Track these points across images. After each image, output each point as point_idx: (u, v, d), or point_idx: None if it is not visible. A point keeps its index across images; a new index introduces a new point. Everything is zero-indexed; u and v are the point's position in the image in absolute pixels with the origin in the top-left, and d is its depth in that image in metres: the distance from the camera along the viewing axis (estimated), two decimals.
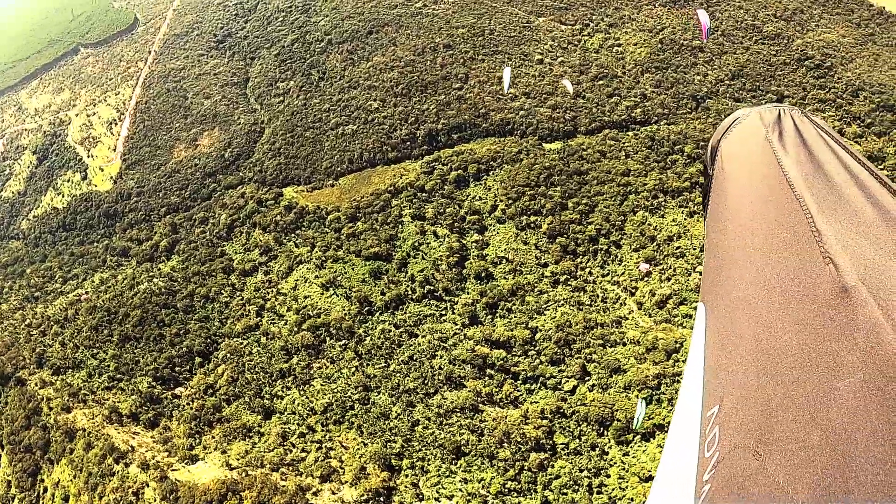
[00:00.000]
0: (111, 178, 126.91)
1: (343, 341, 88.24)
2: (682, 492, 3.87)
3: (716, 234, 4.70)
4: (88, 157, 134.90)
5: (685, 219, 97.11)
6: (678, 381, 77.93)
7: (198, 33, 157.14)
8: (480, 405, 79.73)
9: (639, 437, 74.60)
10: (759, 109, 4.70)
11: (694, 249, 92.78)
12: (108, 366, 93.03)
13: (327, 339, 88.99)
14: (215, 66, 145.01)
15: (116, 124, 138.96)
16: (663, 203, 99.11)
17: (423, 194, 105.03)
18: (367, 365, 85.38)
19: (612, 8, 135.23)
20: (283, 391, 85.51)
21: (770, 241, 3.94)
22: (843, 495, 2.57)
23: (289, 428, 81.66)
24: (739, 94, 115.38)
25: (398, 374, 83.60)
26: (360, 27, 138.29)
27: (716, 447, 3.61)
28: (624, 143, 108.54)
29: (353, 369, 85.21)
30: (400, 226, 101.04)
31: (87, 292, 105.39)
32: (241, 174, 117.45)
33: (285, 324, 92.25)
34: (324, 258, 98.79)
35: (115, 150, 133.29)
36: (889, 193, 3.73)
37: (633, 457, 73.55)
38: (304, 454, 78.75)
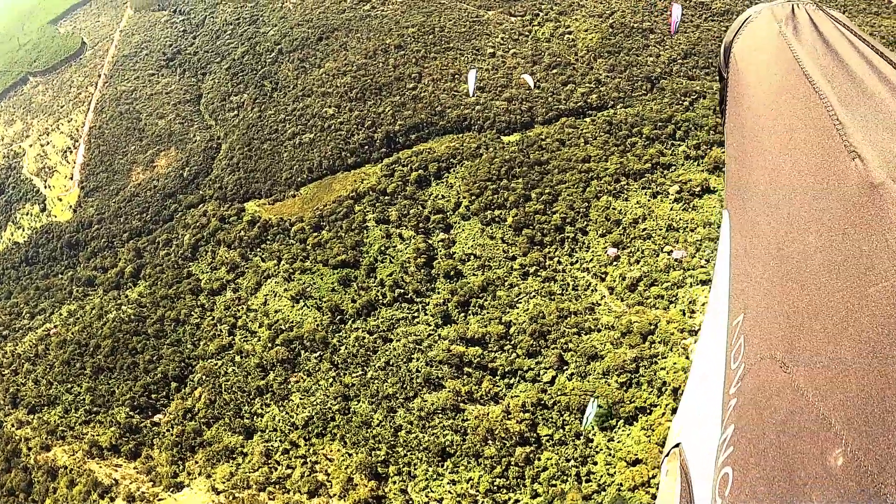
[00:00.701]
0: (70, 207, 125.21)
1: (318, 353, 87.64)
2: (710, 407, 3.73)
3: (735, 137, 4.56)
4: (46, 187, 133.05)
5: (649, 200, 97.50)
6: (656, 363, 78.48)
7: (146, 53, 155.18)
8: (461, 404, 79.52)
9: (622, 421, 74.85)
10: (771, 5, 4.54)
11: (660, 230, 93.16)
12: (84, 399, 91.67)
13: (302, 352, 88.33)
14: (167, 84, 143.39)
15: (71, 152, 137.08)
16: (626, 186, 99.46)
17: (386, 197, 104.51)
18: (344, 374, 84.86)
19: None
20: (262, 408, 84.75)
21: (791, 138, 3.77)
22: (878, 413, 2.37)
23: (272, 445, 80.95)
24: (693, 73, 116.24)
25: (376, 381, 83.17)
26: (310, 34, 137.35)
27: (741, 359, 3.44)
28: (582, 130, 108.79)
29: (331, 380, 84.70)
30: (365, 231, 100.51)
31: (55, 326, 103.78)
32: (201, 192, 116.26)
33: (258, 340, 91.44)
34: (291, 270, 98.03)
35: (72, 178, 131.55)
36: None
37: (619, 442, 73.81)
38: (289, 471, 78.10)
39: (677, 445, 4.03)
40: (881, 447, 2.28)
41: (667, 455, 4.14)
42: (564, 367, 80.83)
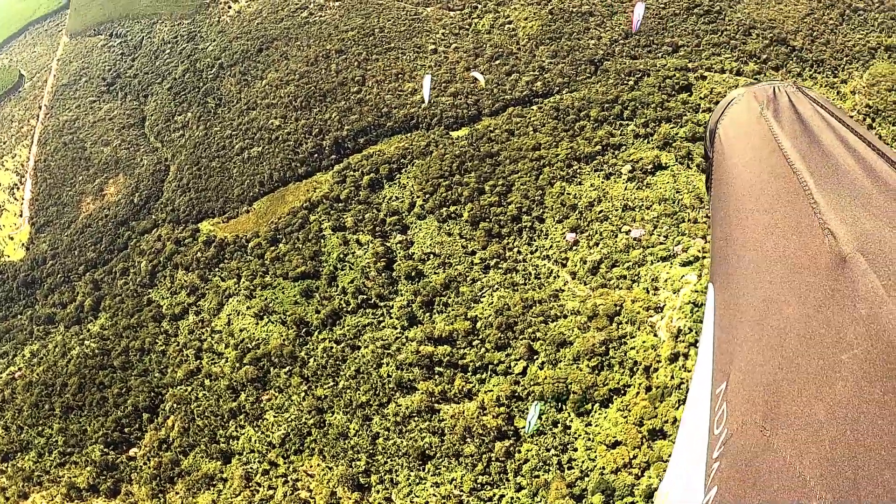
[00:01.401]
0: (23, 244, 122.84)
1: (287, 368, 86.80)
2: (695, 470, 3.89)
3: (719, 213, 4.80)
4: None
5: (602, 182, 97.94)
6: (625, 343, 78.88)
7: (86, 80, 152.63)
8: (436, 405, 79.40)
9: (598, 405, 75.16)
10: (754, 88, 4.81)
11: (616, 211, 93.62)
12: (57, 441, 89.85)
13: (271, 368, 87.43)
14: (109, 110, 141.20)
15: (18, 188, 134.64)
16: (578, 170, 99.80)
17: (340, 204, 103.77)
18: (316, 387, 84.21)
19: None
20: (237, 431, 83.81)
21: (770, 216, 3.97)
22: (851, 471, 2.54)
23: (251, 468, 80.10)
24: (635, 52, 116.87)
25: (348, 391, 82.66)
26: (250, 46, 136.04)
27: (724, 424, 3.63)
28: (530, 118, 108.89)
29: (303, 394, 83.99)
30: (322, 240, 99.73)
31: (20, 369, 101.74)
32: (153, 217, 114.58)
33: (226, 361, 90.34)
34: (252, 287, 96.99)
35: (21, 215, 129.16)
36: (886, 164, 3.75)
37: (596, 426, 74.16)
38: (271, 492, 77.35)
39: None
40: (854, 501, 2.46)
41: None
42: (535, 357, 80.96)
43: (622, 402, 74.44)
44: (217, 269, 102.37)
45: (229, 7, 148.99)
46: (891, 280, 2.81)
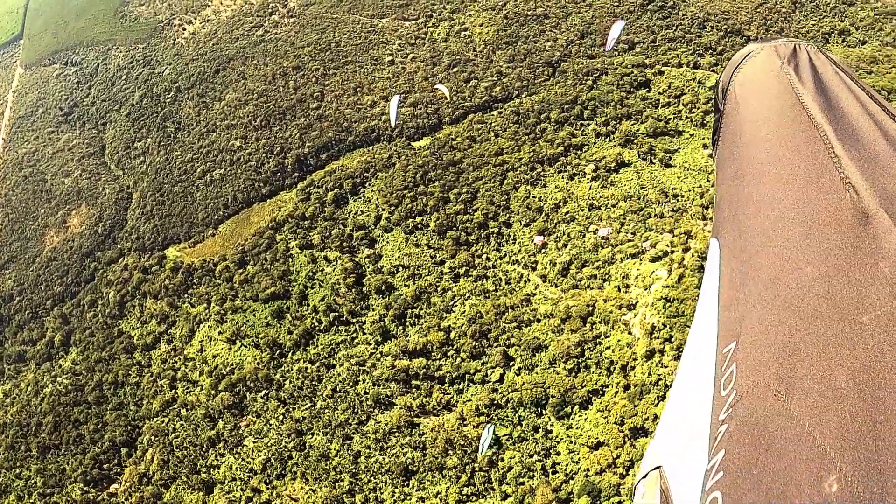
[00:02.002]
0: None
1: (263, 392, 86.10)
2: (695, 432, 3.75)
3: (730, 167, 4.69)
4: None
5: (567, 183, 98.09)
6: (601, 343, 79.01)
7: (43, 110, 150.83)
8: (415, 419, 79.06)
9: (577, 407, 75.21)
10: (774, 43, 4.73)
11: (582, 211, 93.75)
12: (36, 483, 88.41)
13: (247, 393, 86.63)
14: (68, 140, 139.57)
15: None
16: (542, 173, 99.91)
17: (305, 222, 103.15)
18: (294, 409, 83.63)
19: None
20: (217, 459, 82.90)
21: (788, 170, 3.88)
22: (872, 440, 2.47)
23: (234, 496, 79.28)
24: (591, 51, 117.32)
25: (326, 411, 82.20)
26: (206, 68, 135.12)
27: (732, 385, 3.48)
28: (491, 124, 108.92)
29: (281, 417, 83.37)
30: (290, 259, 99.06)
31: None
32: (118, 246, 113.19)
33: (201, 389, 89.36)
34: (222, 311, 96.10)
35: None
36: None
37: (577, 428, 74.20)
38: None
39: (657, 468, 4.07)
40: (875, 473, 2.41)
41: (643, 477, 4.20)
42: (511, 363, 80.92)
43: (601, 402, 74.55)
44: (186, 296, 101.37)
45: (184, 29, 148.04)
46: None
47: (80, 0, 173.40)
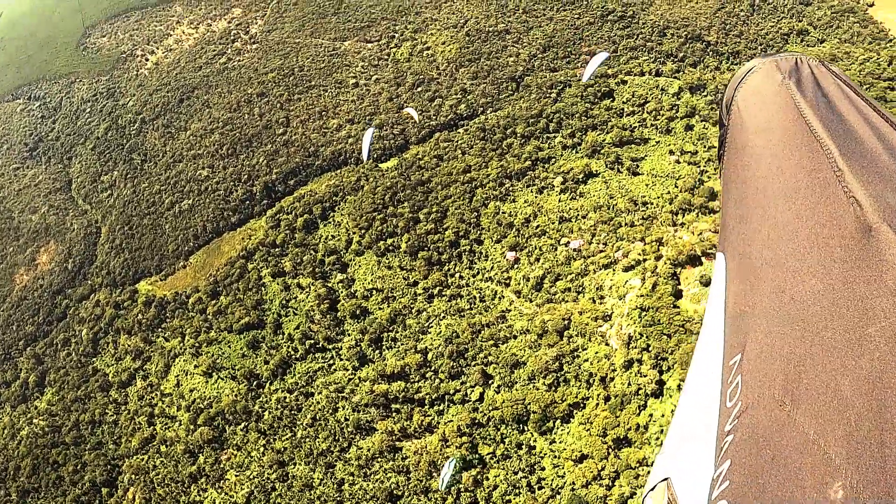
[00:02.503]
0: None
1: (243, 424, 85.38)
2: (702, 443, 3.80)
3: (735, 183, 4.70)
4: None
5: (536, 196, 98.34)
6: (578, 356, 79.09)
7: (7, 147, 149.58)
8: (397, 443, 78.71)
9: (559, 421, 75.20)
10: (776, 58, 4.77)
11: (553, 224, 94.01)
12: None
13: (226, 427, 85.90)
14: (34, 176, 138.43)
15: None
16: (511, 188, 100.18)
17: (276, 249, 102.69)
18: (274, 440, 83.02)
19: (413, 14, 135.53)
20: (199, 495, 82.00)
21: (792, 184, 3.90)
22: (878, 449, 2.50)
23: None
24: (554, 64, 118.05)
25: (307, 440, 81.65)
26: (170, 97, 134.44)
27: (738, 396, 3.54)
28: (457, 142, 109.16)
29: (262, 449, 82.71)
30: (263, 288, 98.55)
31: None
32: (89, 282, 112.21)
33: (180, 425, 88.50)
34: (197, 344, 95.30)
35: None
36: None
37: (560, 442, 74.22)
38: None
39: (665, 480, 4.10)
40: (880, 481, 2.45)
41: (651, 489, 4.21)
42: (490, 381, 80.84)
43: (583, 415, 74.56)
44: (160, 330, 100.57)
45: (147, 59, 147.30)
46: None
47: (43, 33, 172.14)
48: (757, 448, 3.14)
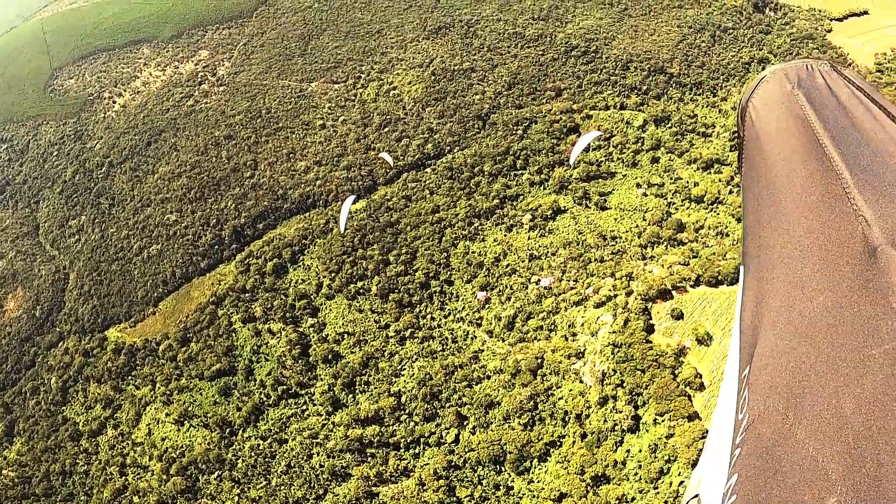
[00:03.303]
0: None
1: (216, 473, 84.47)
2: (721, 456, 3.85)
3: (751, 193, 4.68)
4: None
5: (505, 235, 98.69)
6: (553, 395, 79.15)
7: None
8: (373, 489, 78.27)
9: (536, 460, 75.08)
10: (786, 66, 4.72)
11: (523, 262, 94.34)
12: None
13: (200, 476, 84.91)
14: (1, 220, 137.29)
15: None
16: (480, 227, 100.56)
17: (247, 294, 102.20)
18: (249, 489, 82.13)
19: (379, 54, 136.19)
20: None
21: (803, 199, 3.88)
22: (874, 468, 2.52)
23: None
24: (520, 101, 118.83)
25: (282, 488, 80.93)
26: (138, 140, 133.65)
27: (746, 409, 3.60)
28: (425, 182, 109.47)
29: (236, 498, 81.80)
30: (233, 334, 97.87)
31: None
32: (58, 329, 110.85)
33: (152, 475, 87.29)
34: (168, 392, 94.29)
35: None
36: None
37: (538, 482, 74.14)
38: None
39: (696, 496, 4.16)
40: (874, 498, 2.46)
41: None
42: (465, 423, 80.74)
43: (560, 453, 74.53)
44: (130, 378, 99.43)
45: (114, 102, 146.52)
46: None
47: (10, 74, 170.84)
48: (761, 461, 3.21)
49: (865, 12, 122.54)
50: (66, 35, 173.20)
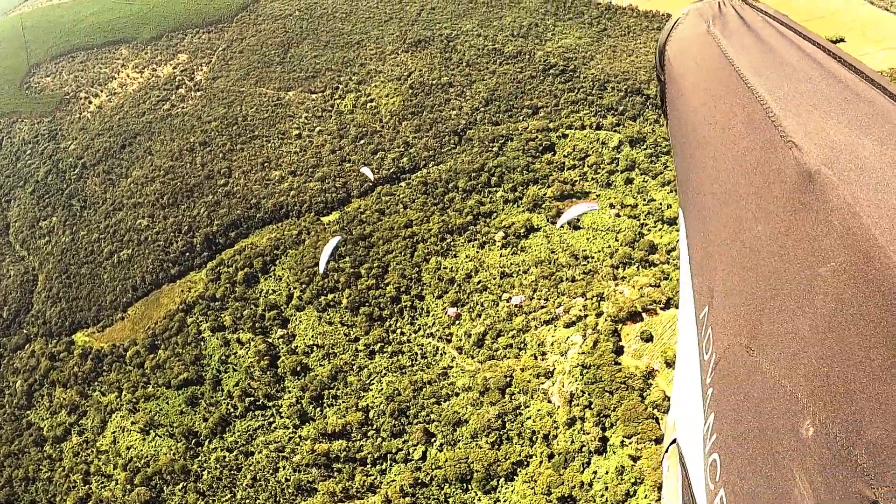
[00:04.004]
0: None
1: (181, 484, 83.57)
2: (693, 399, 3.97)
3: (677, 137, 4.71)
4: None
5: (477, 252, 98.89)
6: (521, 414, 79.27)
7: None
8: None
9: (503, 479, 75.07)
10: (698, 5, 4.71)
11: (494, 279, 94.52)
12: None
13: (164, 487, 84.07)
14: None
15: None
16: (452, 243, 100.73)
17: (216, 303, 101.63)
18: (214, 501, 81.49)
19: (358, 65, 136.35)
20: None
21: (730, 133, 3.87)
22: (842, 384, 2.56)
23: None
24: (496, 118, 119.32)
25: (247, 501, 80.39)
26: (112, 143, 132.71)
27: (711, 349, 3.65)
28: (399, 196, 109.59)
29: None
30: (202, 343, 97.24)
31: None
32: (24, 332, 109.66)
33: (116, 484, 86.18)
34: (135, 400, 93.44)
35: None
36: (847, 70, 3.61)
37: (505, 501, 73.94)
38: None
39: (674, 441, 4.37)
40: (846, 413, 2.50)
41: (666, 451, 4.49)
42: (432, 440, 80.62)
43: (526, 473, 74.54)
44: (96, 384, 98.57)
45: (90, 102, 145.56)
46: (864, 189, 2.79)
47: None
48: (732, 397, 3.30)
49: (842, 39, 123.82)
50: (45, 32, 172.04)
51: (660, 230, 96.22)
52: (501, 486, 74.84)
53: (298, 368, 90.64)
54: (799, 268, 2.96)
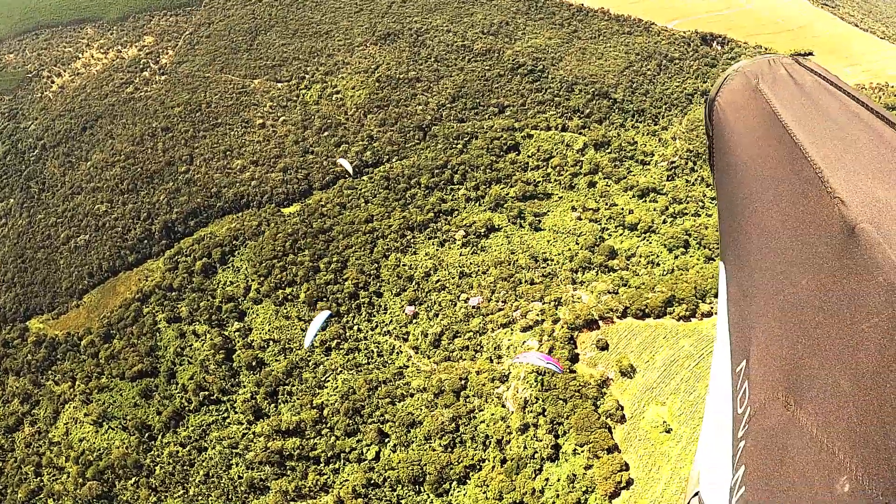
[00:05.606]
0: None
1: (133, 479, 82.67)
2: (721, 451, 3.93)
3: (725, 190, 4.73)
4: None
5: (437, 250, 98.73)
6: (475, 418, 79.38)
7: None
8: None
9: (455, 483, 75.22)
10: (749, 62, 4.72)
11: (453, 279, 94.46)
12: None
13: (116, 481, 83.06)
14: None
15: None
16: (412, 240, 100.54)
17: (173, 293, 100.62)
18: (166, 497, 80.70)
19: (325, 56, 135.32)
20: None
21: (775, 187, 3.91)
22: (881, 439, 2.51)
23: None
24: (463, 115, 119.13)
25: (200, 498, 79.73)
26: (73, 125, 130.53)
27: (747, 403, 3.62)
28: (361, 190, 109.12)
29: None
30: (157, 334, 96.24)
31: None
32: None
33: (68, 477, 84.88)
34: (88, 391, 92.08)
35: None
36: (889, 128, 3.65)
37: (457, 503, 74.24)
38: None
39: (696, 494, 4.30)
40: (884, 471, 2.47)
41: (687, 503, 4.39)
42: (386, 440, 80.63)
43: (479, 477, 74.71)
44: (50, 373, 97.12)
45: (52, 82, 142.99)
46: None
47: None
48: (767, 451, 3.27)
49: (811, 53, 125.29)
50: (10, 7, 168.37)
51: (621, 235, 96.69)
52: (454, 490, 74.99)
53: (254, 363, 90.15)
54: (842, 323, 2.94)
